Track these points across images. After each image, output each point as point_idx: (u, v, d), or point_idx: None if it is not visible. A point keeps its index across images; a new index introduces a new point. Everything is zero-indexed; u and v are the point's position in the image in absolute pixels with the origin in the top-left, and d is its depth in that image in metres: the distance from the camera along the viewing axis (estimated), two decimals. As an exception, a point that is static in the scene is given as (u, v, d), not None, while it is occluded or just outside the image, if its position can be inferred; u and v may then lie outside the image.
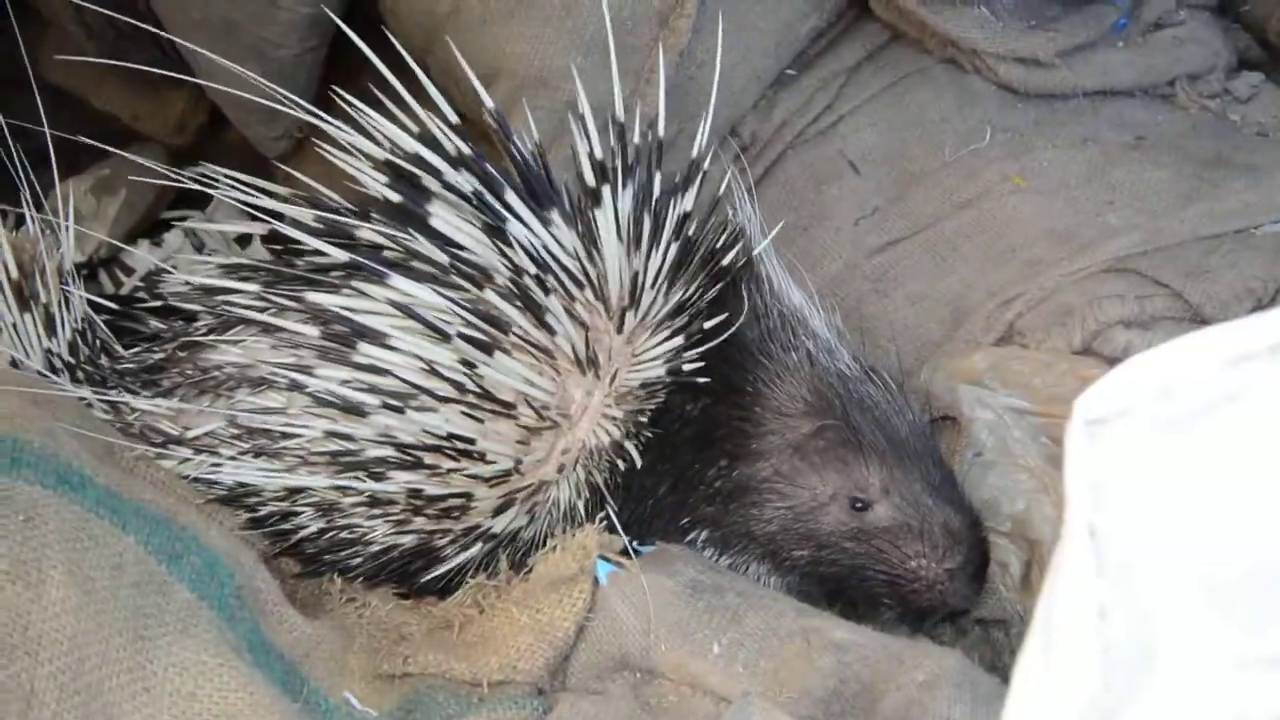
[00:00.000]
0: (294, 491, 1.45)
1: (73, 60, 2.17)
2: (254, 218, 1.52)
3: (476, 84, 1.43)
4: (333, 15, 1.71)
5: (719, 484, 1.49)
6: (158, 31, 1.98)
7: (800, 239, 1.81)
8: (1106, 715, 0.76)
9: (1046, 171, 1.80)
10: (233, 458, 1.45)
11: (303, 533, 1.48)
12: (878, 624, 1.41)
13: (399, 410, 1.36)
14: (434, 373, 1.36)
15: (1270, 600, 0.80)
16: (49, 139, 1.62)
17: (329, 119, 1.46)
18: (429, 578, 1.49)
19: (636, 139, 1.45)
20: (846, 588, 1.49)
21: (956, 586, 1.45)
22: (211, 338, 1.52)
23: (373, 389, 1.38)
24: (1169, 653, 0.80)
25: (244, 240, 2.28)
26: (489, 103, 1.43)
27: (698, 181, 1.46)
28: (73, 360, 1.58)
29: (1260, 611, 0.80)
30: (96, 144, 1.74)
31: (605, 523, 1.42)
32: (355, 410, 1.38)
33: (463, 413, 1.37)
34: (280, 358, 1.44)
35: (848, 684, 1.26)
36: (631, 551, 1.38)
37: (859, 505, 1.45)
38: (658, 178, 1.45)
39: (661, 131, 1.46)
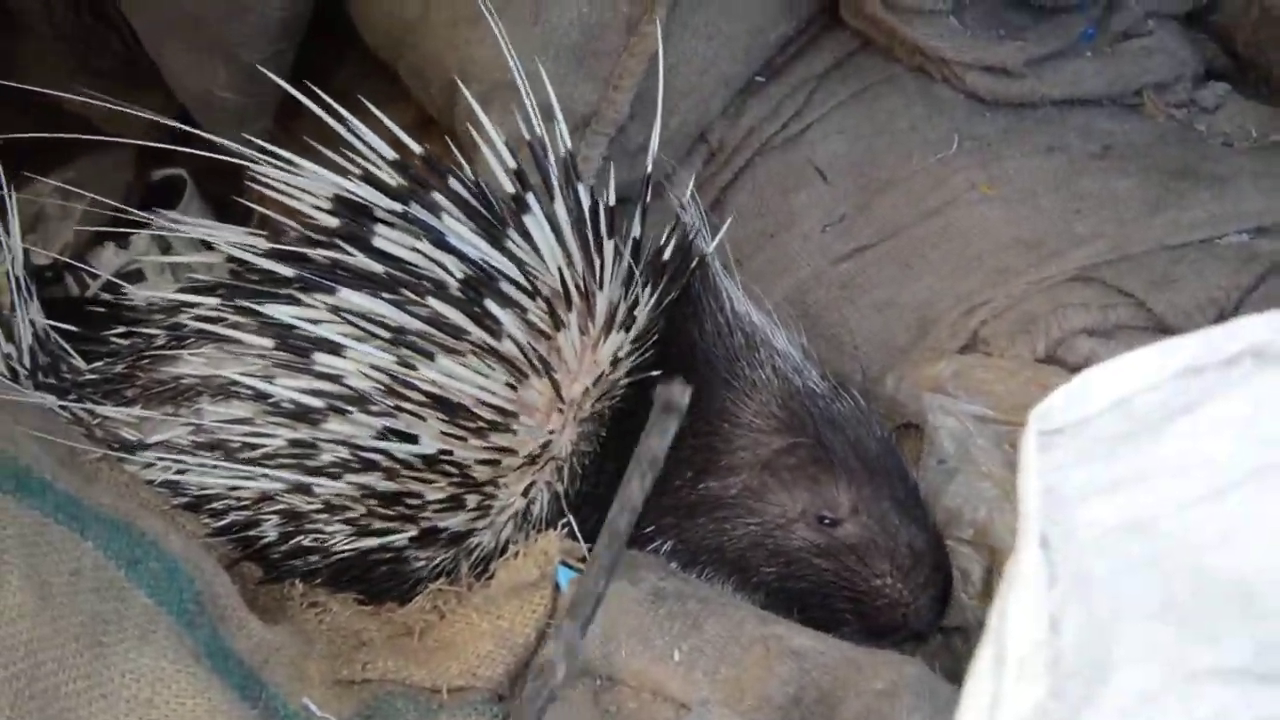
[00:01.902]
0: (257, 500, 1.45)
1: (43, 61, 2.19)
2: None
3: (473, 101, 1.44)
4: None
5: (685, 495, 1.48)
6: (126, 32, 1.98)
7: (768, 246, 1.82)
8: (1057, 725, 0.77)
9: (1014, 180, 1.80)
10: (200, 464, 1.45)
11: (265, 539, 1.48)
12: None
13: (345, 413, 1.38)
14: (379, 378, 1.38)
15: (1223, 611, 0.80)
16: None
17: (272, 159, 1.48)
18: (390, 583, 1.49)
19: (599, 147, 1.45)
20: (809, 605, 1.48)
21: (919, 607, 1.45)
22: (173, 349, 1.52)
23: (322, 395, 1.39)
24: (1122, 664, 0.80)
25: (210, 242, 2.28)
26: (484, 119, 1.43)
27: (647, 186, 1.47)
28: (31, 366, 1.57)
29: (1213, 622, 0.80)
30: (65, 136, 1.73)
31: (567, 529, 1.41)
32: (307, 417, 1.40)
33: (410, 414, 1.39)
34: (242, 368, 1.44)
35: (807, 691, 1.26)
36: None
37: (827, 522, 1.45)
38: (611, 184, 1.46)
39: (612, 131, 1.47)
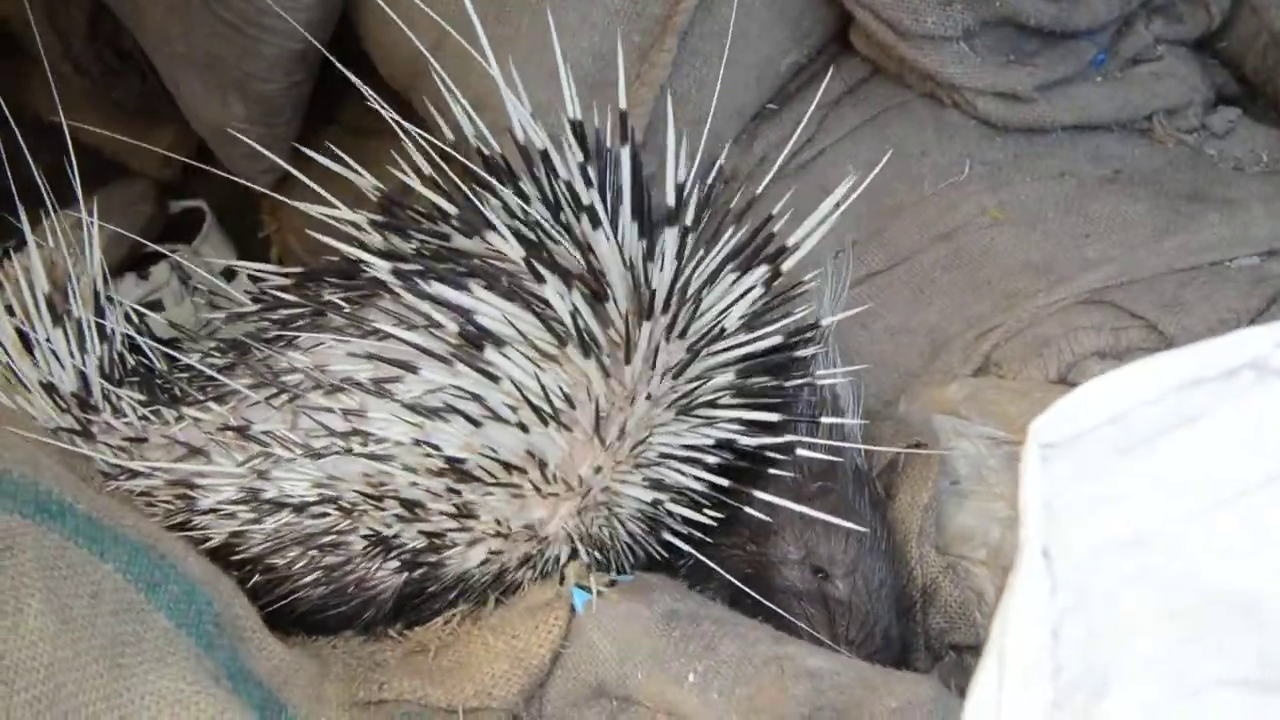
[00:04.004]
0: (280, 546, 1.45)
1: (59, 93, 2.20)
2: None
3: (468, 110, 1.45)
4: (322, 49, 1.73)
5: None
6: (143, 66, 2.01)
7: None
8: (1061, 734, 0.77)
9: (1024, 204, 1.81)
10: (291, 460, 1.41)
11: (300, 586, 1.48)
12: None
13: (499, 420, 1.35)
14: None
15: (1225, 623, 0.81)
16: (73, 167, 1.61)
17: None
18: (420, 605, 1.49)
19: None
20: None
21: None
22: (282, 340, 1.48)
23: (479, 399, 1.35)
24: (1123, 676, 0.81)
25: (230, 274, 2.29)
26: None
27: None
28: (109, 373, 1.54)
29: (1215, 634, 0.81)
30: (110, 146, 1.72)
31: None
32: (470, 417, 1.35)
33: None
34: (356, 365, 1.40)
35: (822, 711, 1.27)
36: (610, 580, 1.39)
37: (821, 574, 1.47)
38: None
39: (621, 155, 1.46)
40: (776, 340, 1.44)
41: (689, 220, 1.44)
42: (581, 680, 1.33)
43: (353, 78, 1.51)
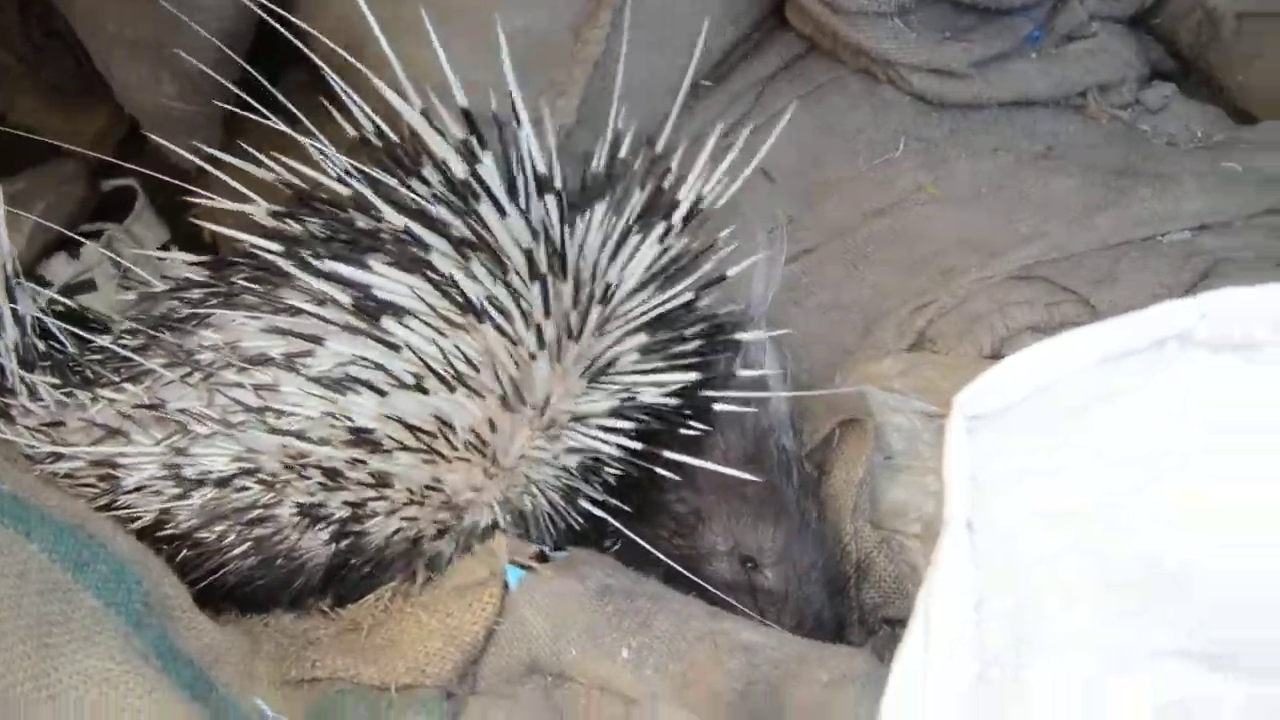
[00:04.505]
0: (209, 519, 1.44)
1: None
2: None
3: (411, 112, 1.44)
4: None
5: (634, 503, 1.49)
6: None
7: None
8: (985, 704, 0.78)
9: (959, 180, 1.82)
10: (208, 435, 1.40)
11: (230, 559, 1.46)
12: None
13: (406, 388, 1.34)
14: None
15: (1157, 594, 0.81)
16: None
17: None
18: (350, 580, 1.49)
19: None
20: None
21: None
22: (194, 320, 1.47)
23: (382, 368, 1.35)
24: (1055, 646, 0.81)
25: (162, 250, 2.28)
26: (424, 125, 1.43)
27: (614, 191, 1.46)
28: (23, 357, 1.53)
29: (1148, 605, 0.81)
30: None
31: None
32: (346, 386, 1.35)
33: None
34: (269, 341, 1.39)
35: (756, 685, 1.27)
36: (541, 554, 1.39)
37: (750, 565, 1.47)
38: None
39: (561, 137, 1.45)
40: (687, 297, 1.43)
41: (575, 187, 1.46)
42: (515, 656, 1.32)
43: (295, 40, 1.50)
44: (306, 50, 1.47)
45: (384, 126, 1.44)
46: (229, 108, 1.64)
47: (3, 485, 1.23)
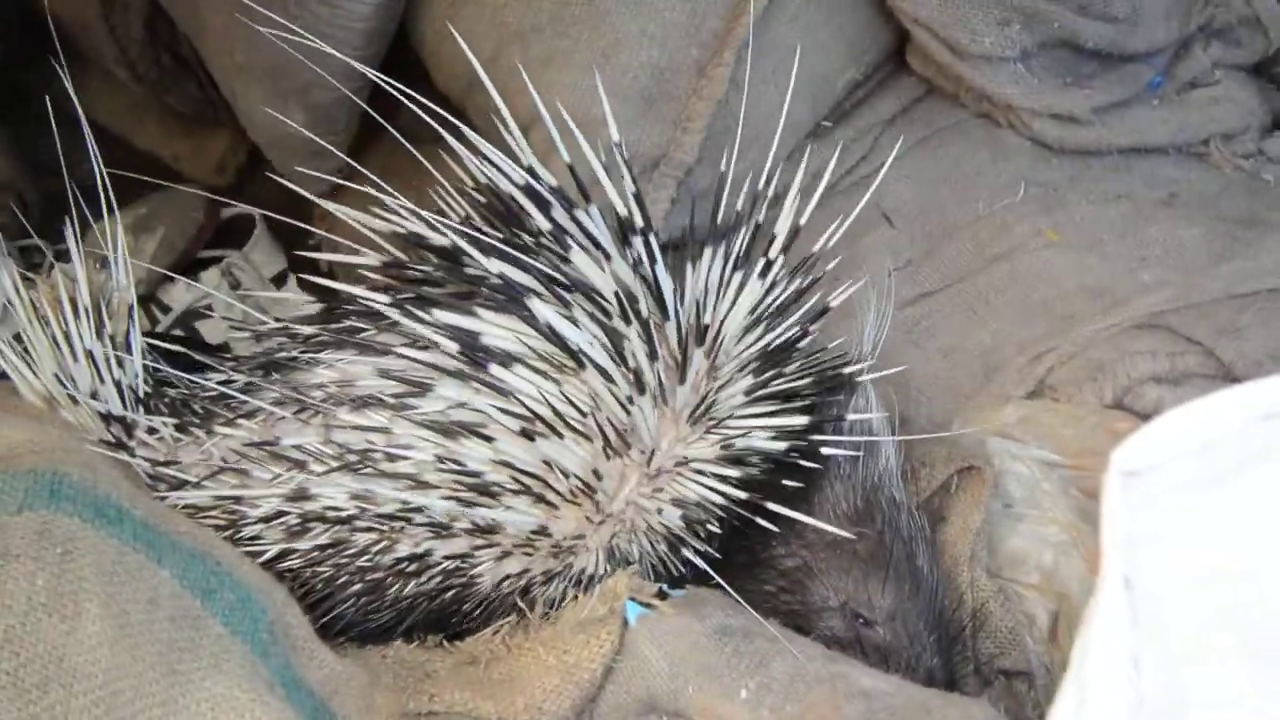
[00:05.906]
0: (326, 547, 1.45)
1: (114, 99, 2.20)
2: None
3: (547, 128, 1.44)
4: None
5: (755, 553, 1.49)
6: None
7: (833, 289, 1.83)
8: (1138, 765, 0.77)
9: (1080, 227, 1.81)
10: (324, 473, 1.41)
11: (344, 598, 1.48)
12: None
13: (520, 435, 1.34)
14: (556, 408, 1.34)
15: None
16: (100, 175, 1.59)
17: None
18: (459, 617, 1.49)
19: (667, 189, 1.43)
20: None
21: None
22: (307, 358, 1.48)
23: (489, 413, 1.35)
24: (1201, 707, 0.80)
25: (279, 279, 2.30)
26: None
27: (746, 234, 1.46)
28: (146, 390, 1.53)
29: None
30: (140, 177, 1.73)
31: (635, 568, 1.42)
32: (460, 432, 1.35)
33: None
34: (380, 382, 1.40)
35: (874, 731, 1.26)
36: (662, 593, 1.39)
37: (861, 620, 1.46)
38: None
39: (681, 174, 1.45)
40: (794, 332, 1.43)
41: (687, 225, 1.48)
42: (632, 694, 1.32)
43: (401, 91, 1.50)
44: (421, 101, 1.46)
45: (498, 170, 1.44)
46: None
47: (135, 511, 1.24)
